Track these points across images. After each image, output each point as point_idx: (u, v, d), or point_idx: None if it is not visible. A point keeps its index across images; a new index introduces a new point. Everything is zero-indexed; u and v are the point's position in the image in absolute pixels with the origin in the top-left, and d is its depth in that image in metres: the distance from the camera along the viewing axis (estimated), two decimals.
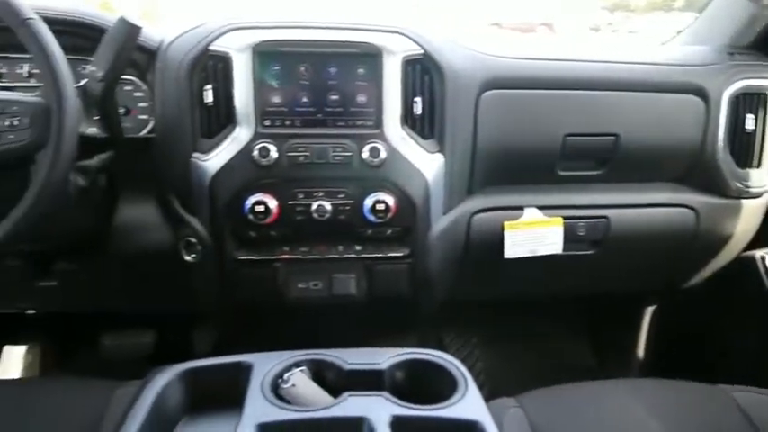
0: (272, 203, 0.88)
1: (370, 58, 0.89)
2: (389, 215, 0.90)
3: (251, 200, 0.88)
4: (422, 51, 0.91)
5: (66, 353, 1.38)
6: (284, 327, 1.03)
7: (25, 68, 0.93)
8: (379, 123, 0.90)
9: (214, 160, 0.88)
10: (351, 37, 0.89)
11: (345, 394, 0.58)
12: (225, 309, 1.02)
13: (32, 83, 0.93)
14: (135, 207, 0.96)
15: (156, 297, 1.08)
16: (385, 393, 0.58)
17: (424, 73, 0.92)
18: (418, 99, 0.91)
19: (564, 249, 1.02)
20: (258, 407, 0.56)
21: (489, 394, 0.70)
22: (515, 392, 0.81)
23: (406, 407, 0.56)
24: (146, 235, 0.96)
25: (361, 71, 0.89)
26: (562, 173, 1.02)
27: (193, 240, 0.92)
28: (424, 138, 0.93)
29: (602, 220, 1.04)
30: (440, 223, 0.96)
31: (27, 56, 0.93)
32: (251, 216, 0.88)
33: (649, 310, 1.41)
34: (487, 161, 0.98)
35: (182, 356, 0.70)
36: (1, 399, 0.79)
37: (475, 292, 1.17)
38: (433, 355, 0.65)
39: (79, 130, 0.71)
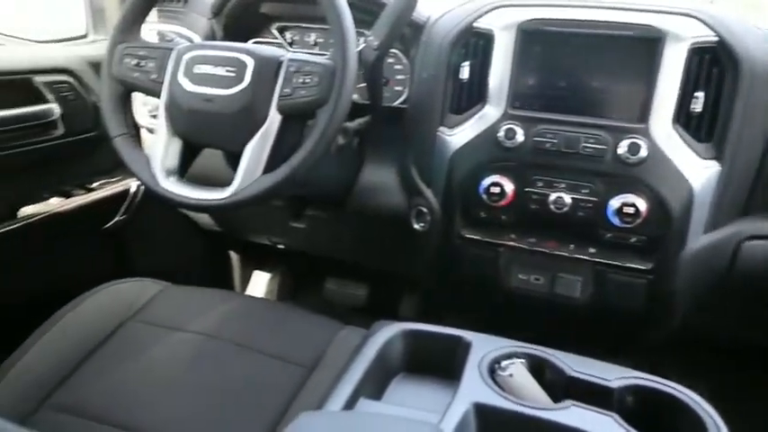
0: (509, 187, 0.86)
1: (649, 42, 0.79)
2: (637, 221, 0.80)
3: (487, 180, 0.87)
4: (716, 38, 0.77)
5: (297, 286, 1.60)
6: (493, 311, 1.01)
7: (312, 37, 1.07)
8: (644, 117, 0.79)
9: (459, 136, 0.89)
10: (629, 18, 0.80)
11: (568, 402, 0.54)
12: (440, 280, 1.04)
13: (317, 50, 1.07)
14: (377, 170, 1.04)
15: (379, 255, 1.17)
16: (615, 415, 0.52)
17: (713, 64, 0.78)
18: (700, 94, 0.78)
19: None
20: (475, 386, 0.56)
21: None
22: None
23: None
24: (383, 197, 1.03)
25: (634, 57, 0.80)
26: None
27: (425, 210, 0.96)
28: (699, 140, 0.80)
29: None
30: (697, 242, 0.82)
31: (316, 26, 1.06)
32: (485, 196, 0.87)
33: None
34: None
35: (388, 315, 0.74)
36: (254, 312, 0.94)
37: (723, 334, 0.99)
38: (678, 391, 0.56)
39: None
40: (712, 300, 0.88)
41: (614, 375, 0.58)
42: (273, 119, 0.75)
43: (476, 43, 0.88)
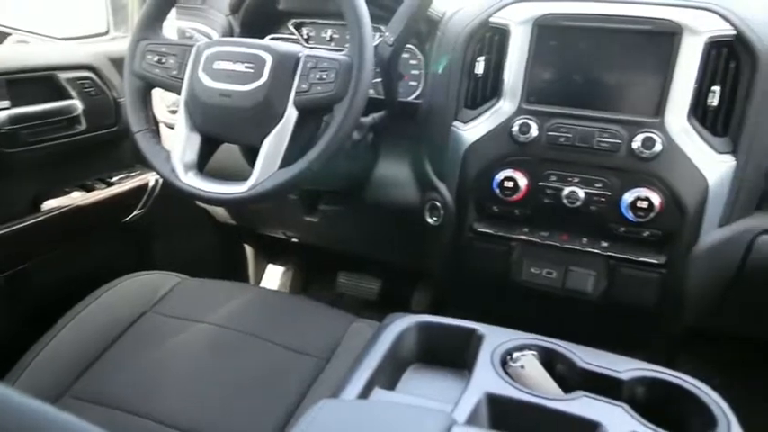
0: (522, 182, 0.86)
1: (666, 36, 0.78)
2: (651, 215, 0.80)
3: (501, 175, 0.87)
4: (734, 32, 0.77)
5: (310, 279, 1.62)
6: (505, 305, 1.02)
7: (328, 33, 1.08)
8: (659, 111, 0.79)
9: (473, 131, 0.90)
10: (646, 12, 0.80)
11: (579, 392, 0.55)
12: (452, 274, 1.05)
13: (332, 46, 1.08)
14: (392, 165, 1.05)
15: (392, 249, 1.18)
16: (625, 405, 0.53)
17: (730, 58, 0.78)
18: (716, 88, 0.78)
19: None
20: (487, 376, 0.57)
21: None
22: None
23: (649, 428, 0.50)
24: (396, 192, 1.04)
25: (650, 51, 0.80)
26: None
27: (438, 205, 0.96)
28: (715, 134, 0.79)
29: None
30: (711, 236, 0.82)
31: (332, 22, 1.08)
32: (498, 191, 0.88)
33: None
34: None
35: (400, 308, 0.75)
36: (269, 304, 0.96)
37: (736, 328, 0.98)
38: (687, 382, 0.57)
39: None
40: (726, 294, 0.88)
41: (624, 367, 0.58)
42: (290, 114, 0.76)
43: (491, 38, 0.88)
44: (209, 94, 0.79)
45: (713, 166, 0.79)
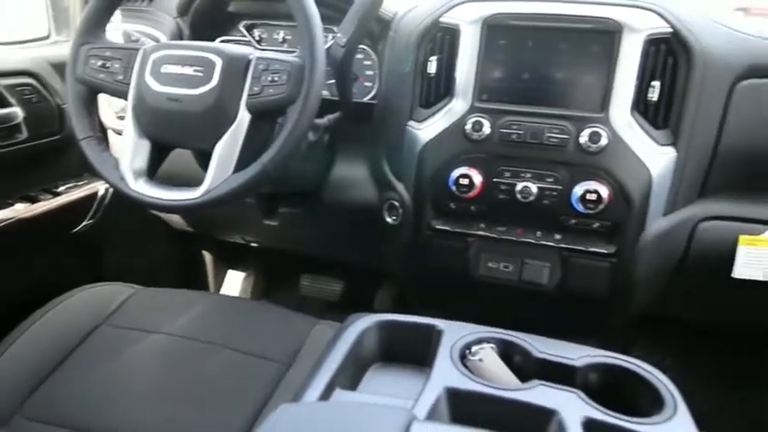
0: (477, 179, 0.88)
1: (607, 35, 0.82)
2: (600, 207, 0.83)
3: (456, 172, 0.89)
4: (670, 30, 0.80)
5: (272, 284, 1.60)
6: (465, 300, 1.03)
7: (281, 34, 1.07)
8: (604, 106, 0.82)
9: (428, 130, 0.91)
10: (589, 11, 0.83)
11: (535, 381, 0.56)
12: (412, 272, 1.06)
13: (285, 47, 1.07)
14: (349, 166, 1.05)
15: (353, 250, 1.18)
16: (579, 392, 0.55)
17: (668, 55, 0.82)
18: (656, 83, 0.82)
19: None
20: (447, 372, 0.58)
21: None
22: None
23: (602, 411, 0.52)
24: (355, 193, 1.04)
25: (593, 49, 0.83)
26: None
27: (396, 204, 0.97)
28: (656, 127, 0.83)
29: None
30: (657, 225, 0.86)
31: (284, 24, 1.07)
32: (454, 188, 0.89)
33: None
34: (731, 163, 0.84)
35: (362, 308, 0.76)
36: (228, 311, 0.95)
37: (683, 311, 1.03)
38: (637, 365, 0.59)
39: None
40: (673, 280, 0.92)
41: (578, 354, 0.60)
42: (243, 117, 0.75)
43: (442, 38, 0.89)
44: (157, 99, 0.77)
45: (656, 157, 0.83)
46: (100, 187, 1.19)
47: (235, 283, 1.56)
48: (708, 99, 0.81)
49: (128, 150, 0.80)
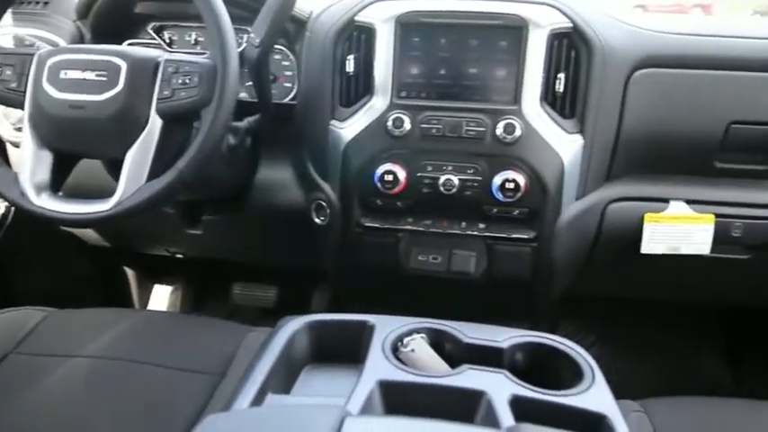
0: (401, 174, 0.89)
1: (514, 30, 0.85)
2: (518, 195, 0.87)
3: (381, 169, 0.89)
4: (571, 25, 0.85)
5: (202, 295, 1.54)
6: (399, 294, 1.05)
7: (192, 36, 1.04)
8: (516, 99, 0.86)
9: (350, 128, 0.91)
10: (495, 8, 0.86)
11: (464, 366, 0.58)
12: (345, 271, 1.06)
13: (198, 49, 1.03)
14: (273, 168, 1.03)
15: (283, 253, 1.16)
16: (505, 372, 0.57)
17: (570, 48, 0.87)
18: (561, 75, 0.87)
19: (713, 251, 0.92)
20: (379, 365, 0.58)
21: None
22: (634, 398, 0.75)
23: (527, 388, 0.55)
24: (281, 195, 1.03)
25: (502, 44, 0.86)
26: (720, 165, 0.91)
27: (324, 204, 0.97)
28: (564, 117, 0.88)
29: (766, 221, 0.91)
30: (571, 209, 0.91)
31: (195, 25, 1.03)
32: (379, 185, 0.90)
33: None
34: (632, 147, 0.90)
35: (299, 312, 0.75)
36: (153, 327, 0.90)
37: (601, 288, 1.10)
38: (558, 342, 0.62)
39: None
40: (589, 260, 0.98)
41: (504, 336, 0.63)
42: (154, 122, 0.72)
43: (358, 37, 0.90)
44: (57, 107, 0.72)
45: (566, 145, 0.87)
46: (1, 205, 1.10)
47: (162, 297, 1.49)
48: (608, 88, 0.87)
49: (27, 163, 0.74)
